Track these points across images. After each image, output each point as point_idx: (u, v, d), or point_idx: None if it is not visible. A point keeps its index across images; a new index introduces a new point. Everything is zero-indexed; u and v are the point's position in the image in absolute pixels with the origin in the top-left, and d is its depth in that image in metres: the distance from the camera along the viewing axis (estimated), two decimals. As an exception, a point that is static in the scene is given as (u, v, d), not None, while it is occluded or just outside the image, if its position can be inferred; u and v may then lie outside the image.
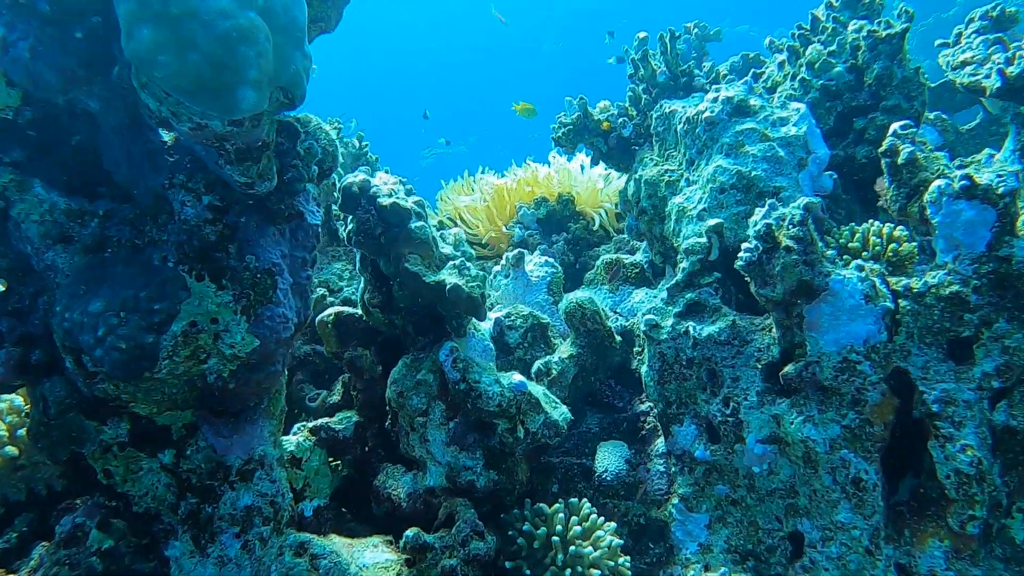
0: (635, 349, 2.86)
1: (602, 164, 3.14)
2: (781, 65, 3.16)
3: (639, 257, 3.11)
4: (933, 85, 4.15)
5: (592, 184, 3.43)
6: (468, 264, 2.23)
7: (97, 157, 1.94)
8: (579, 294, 2.67)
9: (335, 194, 2.44)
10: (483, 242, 3.53)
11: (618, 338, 2.82)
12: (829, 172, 2.65)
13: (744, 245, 2.22)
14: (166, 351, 1.83)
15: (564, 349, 2.70)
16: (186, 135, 1.63)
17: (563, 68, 22.87)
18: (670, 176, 2.76)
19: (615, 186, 3.44)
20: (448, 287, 2.15)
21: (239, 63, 1.55)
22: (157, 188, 1.88)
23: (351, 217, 2.37)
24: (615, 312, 3.04)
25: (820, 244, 2.17)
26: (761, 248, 2.16)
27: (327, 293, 2.94)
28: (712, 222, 2.48)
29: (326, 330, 2.58)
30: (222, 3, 1.53)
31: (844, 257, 2.43)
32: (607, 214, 3.45)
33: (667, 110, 2.86)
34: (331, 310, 2.60)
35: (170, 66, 1.52)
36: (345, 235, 2.39)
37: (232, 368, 1.94)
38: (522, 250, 2.96)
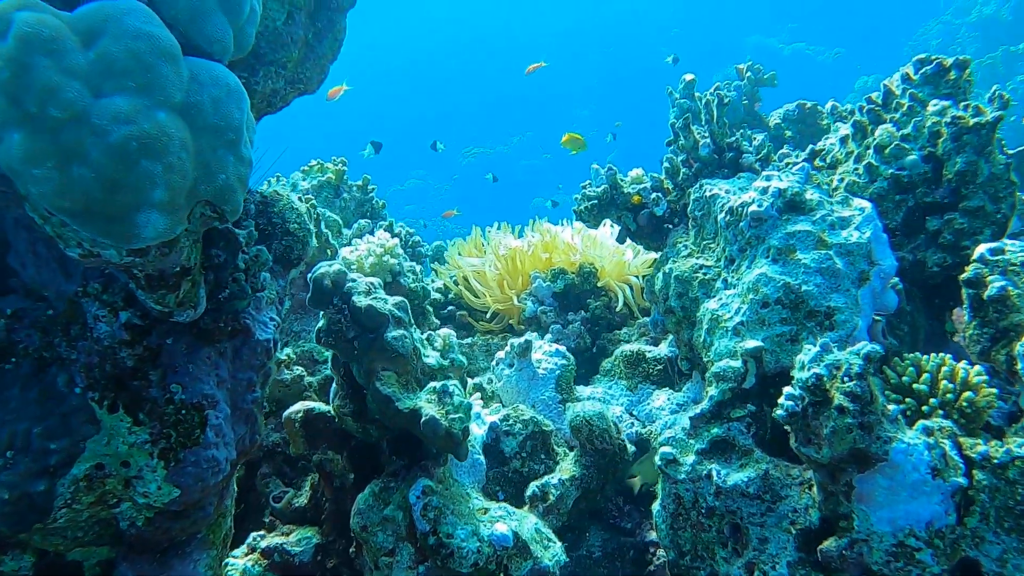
0: (653, 444, 2.46)
1: (629, 240, 2.74)
2: (844, 140, 2.73)
3: (664, 350, 2.71)
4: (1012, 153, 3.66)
5: (619, 255, 3.04)
6: (452, 389, 1.85)
7: (6, 249, 1.59)
8: (588, 408, 2.28)
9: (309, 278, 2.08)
10: (490, 315, 3.15)
11: (631, 448, 2.43)
12: (894, 282, 2.22)
13: (786, 391, 1.82)
14: (63, 499, 1.49)
15: (566, 467, 2.31)
16: (77, 261, 1.27)
17: (610, 71, 22.37)
18: (705, 274, 2.36)
19: (645, 258, 3.03)
20: (423, 419, 1.78)
21: (140, 181, 1.18)
22: (70, 294, 1.53)
23: (322, 313, 2.01)
24: (631, 415, 2.64)
25: (881, 400, 1.75)
26: (807, 400, 1.76)
27: (304, 373, 2.59)
28: (750, 344, 2.07)
29: (293, 429, 2.23)
30: (120, 104, 1.16)
31: (906, 401, 2.01)
32: (633, 289, 3.04)
33: (708, 193, 2.45)
34: (300, 406, 2.24)
35: (49, 182, 1.16)
36: (315, 332, 2.03)
37: (148, 516, 1.59)
38: (529, 339, 2.57)
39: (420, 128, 26.33)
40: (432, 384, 1.88)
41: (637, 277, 3.08)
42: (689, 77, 4.26)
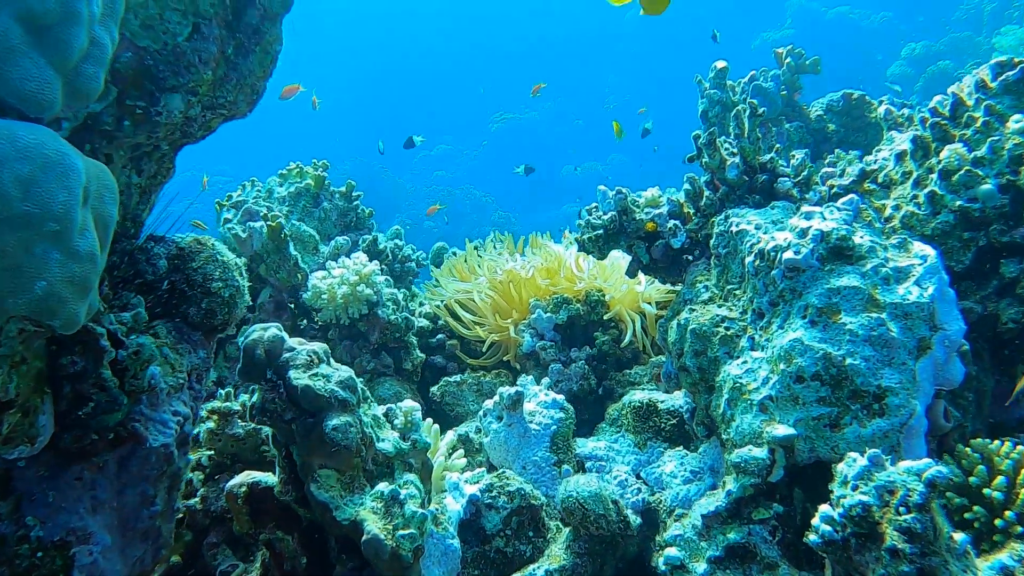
0: (657, 538, 2.09)
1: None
2: (900, 158, 2.28)
3: (679, 401, 2.32)
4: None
5: (633, 280, 2.63)
6: (405, 496, 1.49)
7: None
8: (582, 486, 1.91)
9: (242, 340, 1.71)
10: (485, 347, 2.77)
11: (635, 521, 2.06)
12: (962, 348, 1.80)
13: (823, 512, 1.44)
14: None
15: (556, 553, 1.95)
16: None
17: (644, 34, 21.53)
18: (728, 328, 1.96)
19: (661, 285, 2.62)
20: (364, 538, 1.42)
21: None
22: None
23: (255, 388, 1.65)
24: (638, 476, 2.27)
25: (947, 531, 1.36)
26: (850, 530, 1.36)
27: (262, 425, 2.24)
28: (779, 430, 1.68)
29: (235, 505, 1.90)
30: None
31: (975, 509, 1.60)
32: (646, 319, 2.64)
33: (735, 228, 2.04)
34: (242, 479, 1.91)
35: None
36: (248, 406, 1.68)
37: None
38: (521, 390, 2.20)
39: (450, 92, 25.79)
40: (380, 487, 1.52)
41: (652, 305, 2.67)
42: (721, 64, 3.79)
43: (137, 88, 1.37)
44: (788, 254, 1.84)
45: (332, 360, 1.71)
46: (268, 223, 2.52)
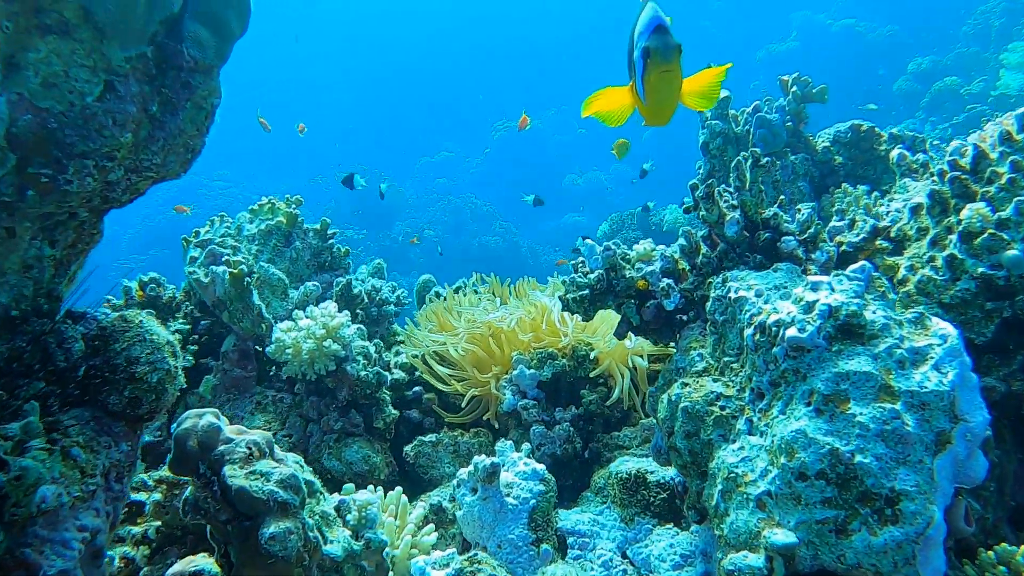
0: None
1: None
2: (916, 212, 2.09)
3: (670, 472, 2.13)
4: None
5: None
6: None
7: None
8: (560, 580, 1.72)
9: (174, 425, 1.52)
10: (465, 402, 2.57)
11: (622, 609, 1.87)
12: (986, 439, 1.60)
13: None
14: None
15: (530, 653, 1.75)
16: None
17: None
18: (723, 407, 1.76)
19: (655, 337, 2.42)
20: (297, 675, 1.23)
21: None
22: None
23: (190, 481, 1.46)
24: (624, 556, 2.07)
25: None
26: None
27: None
28: (779, 536, 1.49)
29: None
30: None
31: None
32: (637, 372, 2.45)
33: (732, 294, 1.85)
34: (182, 567, 1.70)
35: None
36: (180, 503, 1.48)
37: None
38: (497, 463, 2.01)
39: (453, 100, 25.63)
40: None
41: (644, 358, 2.48)
42: (723, 94, 3.60)
43: (41, 154, 1.19)
44: (791, 331, 1.65)
45: (277, 451, 1.51)
46: (230, 270, 2.33)
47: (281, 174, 21.59)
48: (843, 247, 2.11)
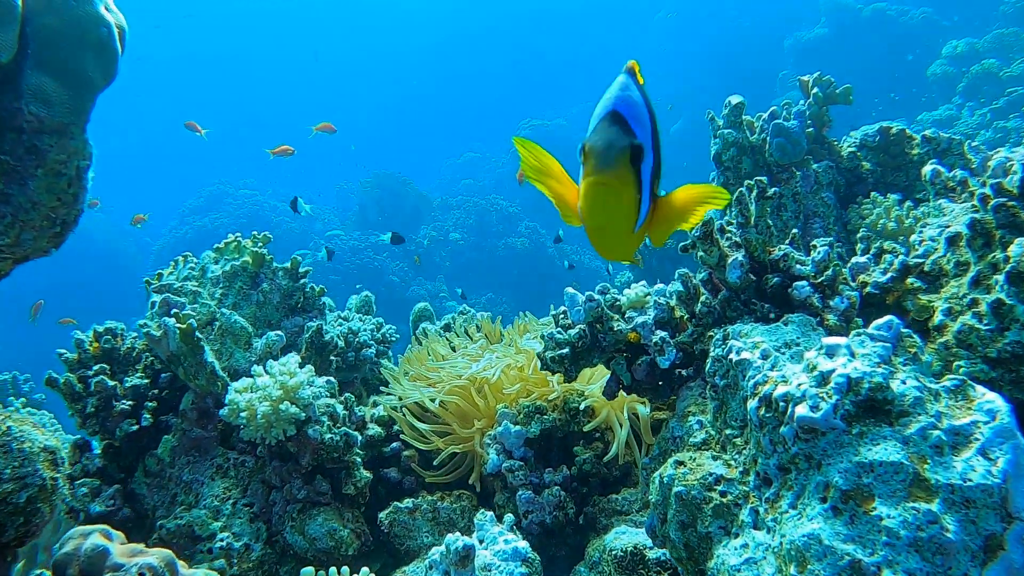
0: None
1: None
2: (953, 243, 1.78)
3: (669, 550, 1.83)
4: None
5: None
6: None
7: None
8: None
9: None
10: (442, 460, 2.31)
11: None
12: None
13: None
14: None
15: None
16: None
17: (674, 32, 20.81)
18: (724, 494, 1.49)
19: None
20: None
21: None
22: None
23: (73, 615, 1.21)
24: (620, 650, 1.80)
25: None
26: None
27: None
28: (789, 672, 1.20)
29: None
30: None
31: None
32: (639, 422, 2.17)
33: (734, 355, 1.56)
34: None
35: None
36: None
37: None
38: (470, 545, 1.75)
39: (479, 101, 25.41)
40: None
41: (647, 406, 2.19)
42: (735, 100, 3.29)
43: None
44: (802, 409, 1.36)
45: (181, 571, 1.26)
46: (179, 325, 2.10)
47: (307, 180, 21.55)
48: (867, 288, 1.81)
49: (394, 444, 2.40)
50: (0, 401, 4.70)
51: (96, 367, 2.31)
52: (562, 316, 1.88)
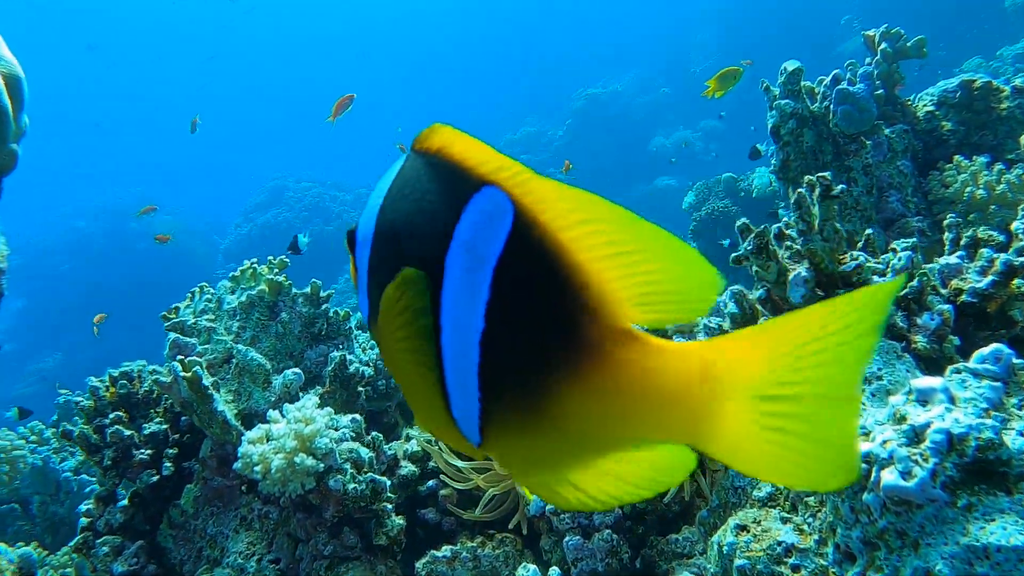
0: None
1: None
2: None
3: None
4: None
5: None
6: None
7: None
8: None
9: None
10: (482, 506, 2.09)
11: None
12: None
13: None
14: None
15: None
16: None
17: None
18: (796, 567, 1.24)
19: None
20: None
21: None
22: None
23: None
24: None
25: None
26: None
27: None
28: None
29: None
30: None
31: None
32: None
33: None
34: None
35: None
36: None
37: None
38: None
39: (530, 73, 24.96)
40: None
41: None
42: (792, 66, 2.95)
43: None
44: (890, 476, 1.09)
45: None
46: (184, 374, 1.94)
47: (364, 170, 21.57)
48: (962, 297, 1.50)
49: (430, 482, 2.20)
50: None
51: (112, 415, 2.18)
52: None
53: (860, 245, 1.52)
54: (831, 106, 2.87)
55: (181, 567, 2.13)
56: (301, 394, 2.14)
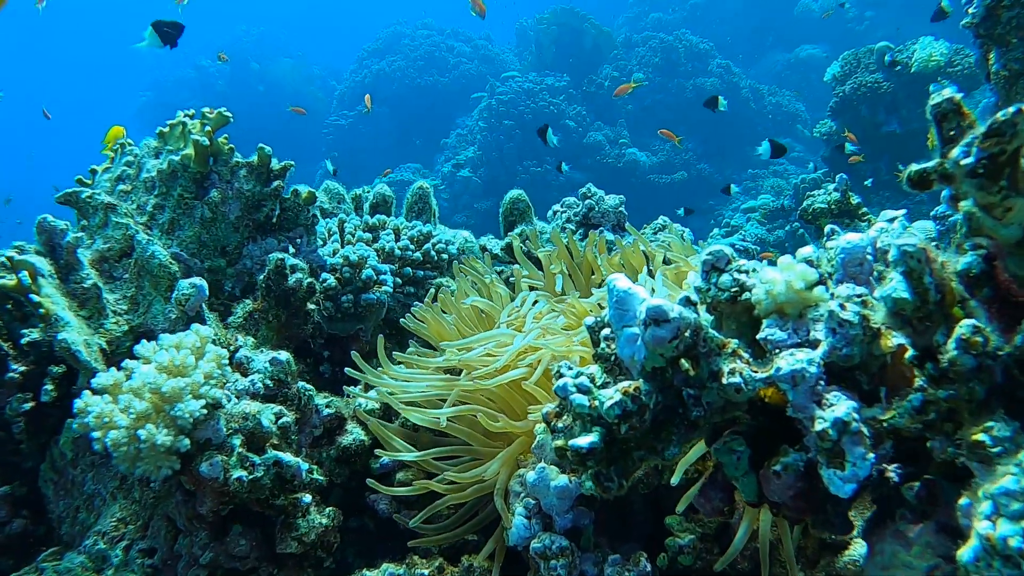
0: None
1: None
2: None
3: None
4: None
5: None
6: None
7: None
8: None
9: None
10: (437, 510, 1.39)
11: None
12: None
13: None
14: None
15: None
16: None
17: None
18: None
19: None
20: None
21: None
22: None
23: None
24: None
25: None
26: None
27: None
28: None
29: None
30: None
31: None
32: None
33: None
34: None
35: None
36: None
37: None
38: None
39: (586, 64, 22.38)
40: None
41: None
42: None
43: None
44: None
45: None
46: (6, 282, 1.29)
47: (489, 16, 20.34)
48: None
49: (384, 460, 1.52)
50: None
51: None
52: (605, 340, 0.84)
53: None
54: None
55: (60, 525, 1.60)
56: (211, 315, 1.48)
